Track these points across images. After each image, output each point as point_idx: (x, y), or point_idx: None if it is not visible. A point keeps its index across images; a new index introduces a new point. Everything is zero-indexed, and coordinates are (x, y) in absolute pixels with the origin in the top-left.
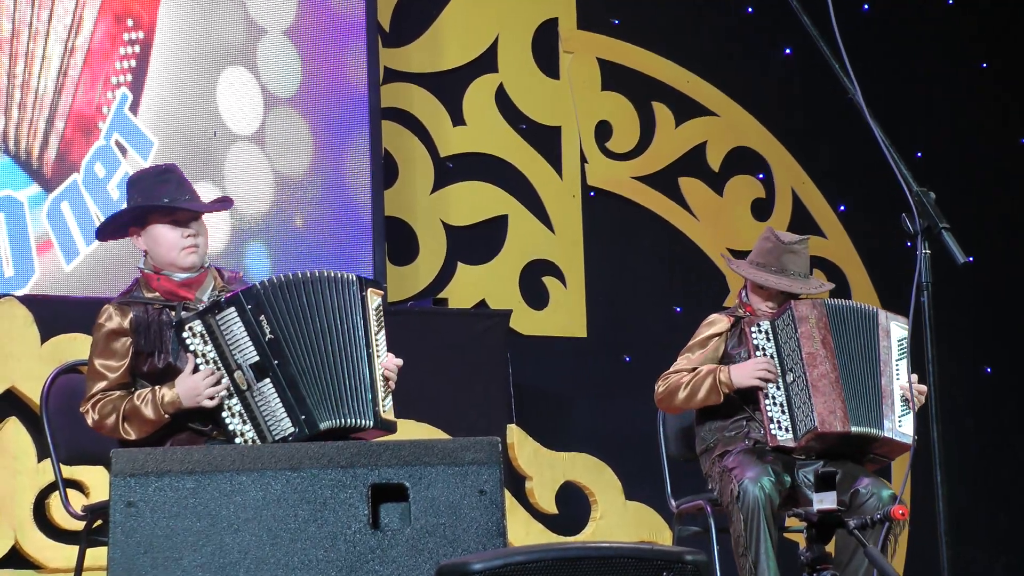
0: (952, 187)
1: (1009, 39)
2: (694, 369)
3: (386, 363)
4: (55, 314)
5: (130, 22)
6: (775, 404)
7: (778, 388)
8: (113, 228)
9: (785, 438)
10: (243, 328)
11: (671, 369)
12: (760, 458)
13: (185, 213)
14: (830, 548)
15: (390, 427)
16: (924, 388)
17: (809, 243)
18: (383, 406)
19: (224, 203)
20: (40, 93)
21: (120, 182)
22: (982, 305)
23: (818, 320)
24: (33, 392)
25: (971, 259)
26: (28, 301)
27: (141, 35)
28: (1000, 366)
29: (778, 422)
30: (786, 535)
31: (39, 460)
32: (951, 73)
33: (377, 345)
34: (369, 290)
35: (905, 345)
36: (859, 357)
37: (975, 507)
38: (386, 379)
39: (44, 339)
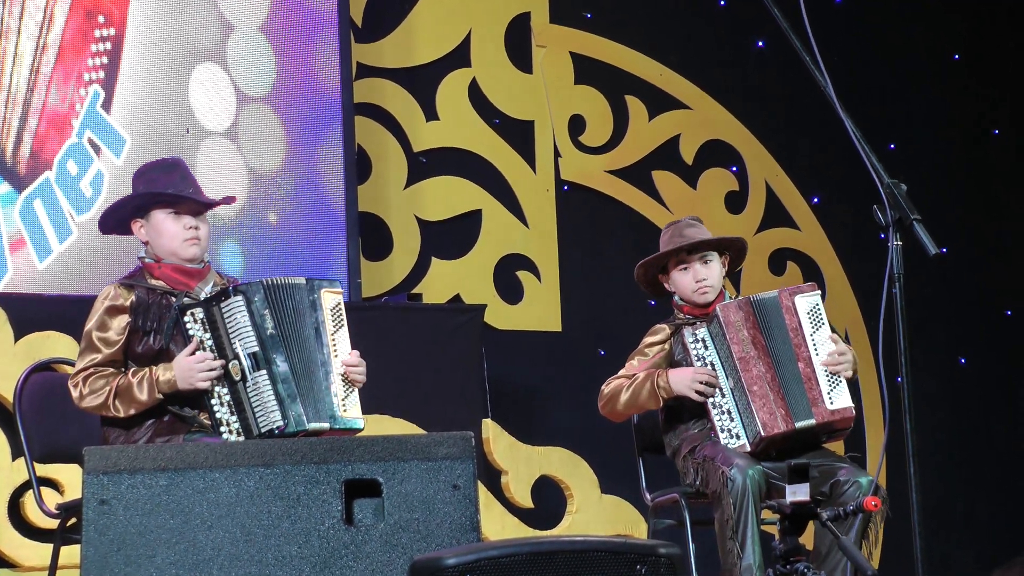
0: (925, 178)
1: (981, 30)
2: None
3: (347, 360)
4: (28, 312)
5: (101, 19)
6: (723, 412)
7: (723, 395)
8: (116, 220)
9: (738, 444)
10: (248, 317)
11: (615, 376)
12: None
13: (188, 205)
14: (808, 538)
15: (351, 426)
16: (845, 349)
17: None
18: (342, 407)
19: (227, 199)
20: (13, 91)
21: (93, 179)
22: (956, 296)
23: (745, 320)
24: (6, 390)
25: (944, 250)
26: (1, 299)
27: (112, 31)
28: (974, 357)
29: (728, 430)
30: (761, 527)
31: (13, 459)
32: (924, 65)
33: (335, 345)
34: (323, 291)
35: (819, 313)
36: (784, 348)
37: (950, 498)
38: (352, 381)
39: (17, 337)
